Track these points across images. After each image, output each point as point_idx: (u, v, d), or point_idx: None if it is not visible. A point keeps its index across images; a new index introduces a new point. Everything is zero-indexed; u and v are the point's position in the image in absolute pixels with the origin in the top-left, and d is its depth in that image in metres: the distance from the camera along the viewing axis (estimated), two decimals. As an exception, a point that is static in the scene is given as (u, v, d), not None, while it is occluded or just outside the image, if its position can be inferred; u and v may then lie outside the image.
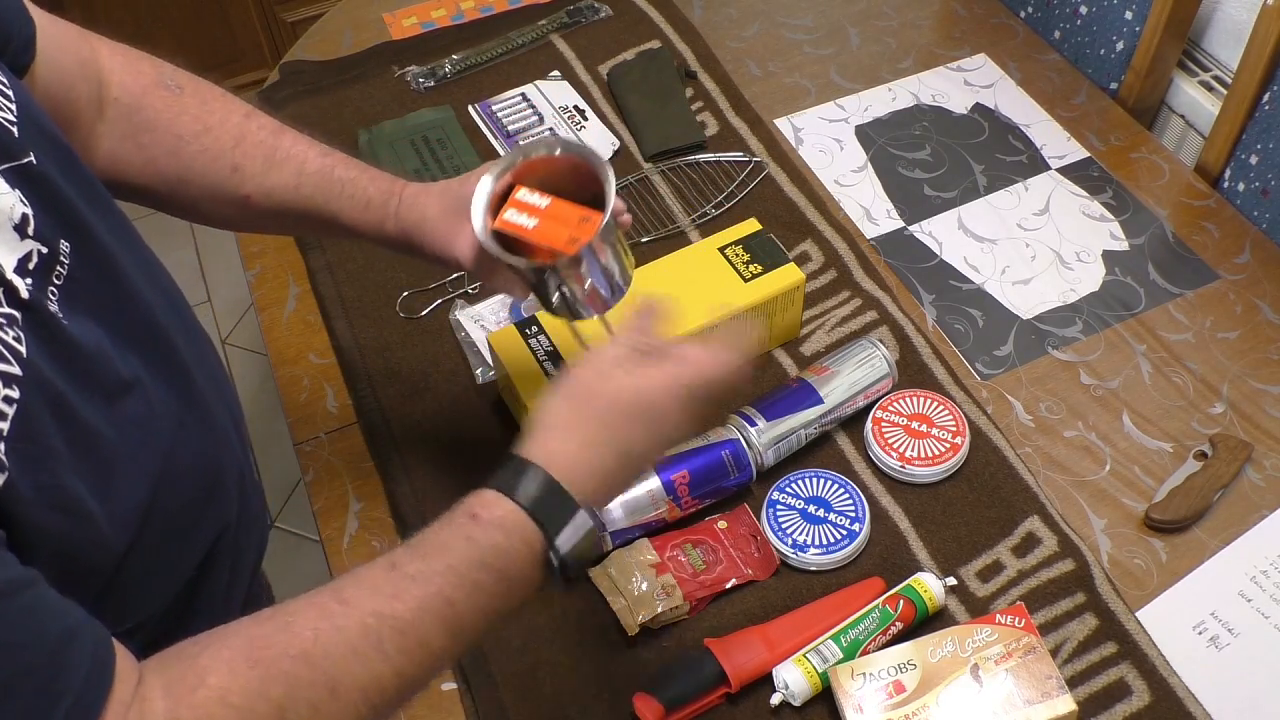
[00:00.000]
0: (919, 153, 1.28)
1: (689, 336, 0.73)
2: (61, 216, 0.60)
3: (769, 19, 1.45)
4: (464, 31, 1.42)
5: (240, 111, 0.80)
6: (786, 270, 1.01)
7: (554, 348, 0.95)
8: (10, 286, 0.55)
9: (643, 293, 0.72)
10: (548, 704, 0.84)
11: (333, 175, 0.81)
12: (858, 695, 0.80)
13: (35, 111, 0.62)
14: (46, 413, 0.54)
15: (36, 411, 0.53)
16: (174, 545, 0.68)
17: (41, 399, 0.54)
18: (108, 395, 0.60)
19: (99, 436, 0.58)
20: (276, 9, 2.35)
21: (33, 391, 0.53)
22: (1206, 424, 1.01)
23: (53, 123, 0.64)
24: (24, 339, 0.54)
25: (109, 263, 0.64)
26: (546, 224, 0.73)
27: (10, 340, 0.53)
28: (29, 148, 0.59)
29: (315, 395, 1.07)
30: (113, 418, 0.60)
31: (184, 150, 0.77)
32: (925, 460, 0.95)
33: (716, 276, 1.01)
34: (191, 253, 2.37)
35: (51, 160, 0.61)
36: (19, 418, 0.51)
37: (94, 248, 0.62)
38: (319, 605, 0.56)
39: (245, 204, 0.79)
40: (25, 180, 0.58)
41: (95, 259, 0.62)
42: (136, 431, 0.62)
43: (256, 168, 0.79)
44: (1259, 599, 0.90)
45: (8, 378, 0.52)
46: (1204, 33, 1.32)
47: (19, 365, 0.53)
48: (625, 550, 0.90)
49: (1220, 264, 1.15)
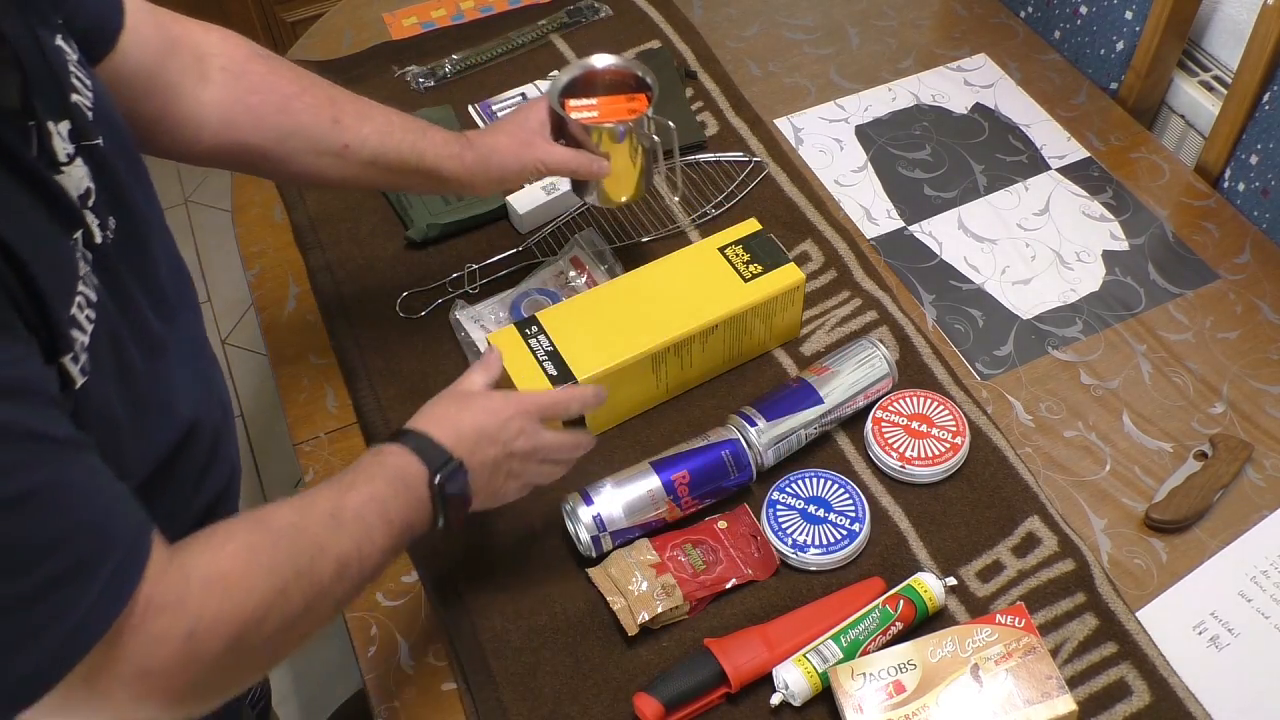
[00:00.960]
0: (919, 153, 1.28)
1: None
2: (114, 195, 0.67)
3: (769, 19, 1.45)
4: (464, 31, 1.42)
5: (324, 80, 0.93)
6: (786, 270, 1.01)
7: (554, 348, 0.95)
8: (89, 230, 0.63)
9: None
10: (548, 704, 0.84)
11: (416, 121, 0.95)
12: (858, 695, 0.80)
13: (106, 100, 0.70)
14: (107, 344, 0.63)
15: (103, 339, 0.62)
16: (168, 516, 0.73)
17: (106, 330, 0.63)
18: (148, 348, 0.69)
19: (139, 380, 0.67)
20: (276, 9, 2.35)
21: (102, 321, 0.62)
22: (1206, 424, 1.01)
23: (118, 112, 0.72)
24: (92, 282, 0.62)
25: (144, 244, 0.72)
26: (605, 110, 0.99)
27: (87, 272, 0.61)
28: (99, 131, 0.66)
29: (315, 395, 1.07)
30: (149, 369, 0.69)
31: (290, 106, 0.88)
32: (925, 460, 0.95)
33: (716, 277, 1.01)
34: (191, 253, 2.37)
35: (114, 144, 0.69)
36: (94, 337, 0.61)
37: (135, 227, 0.70)
38: (287, 504, 0.69)
39: (344, 152, 0.90)
40: (93, 160, 0.65)
41: (134, 237, 0.70)
42: (163, 390, 0.71)
43: (353, 120, 0.91)
44: (1259, 599, 0.90)
45: (89, 301, 0.60)
46: (1204, 33, 1.32)
47: (96, 294, 0.62)
48: (625, 550, 0.90)
49: (1220, 264, 1.15)
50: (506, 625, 0.88)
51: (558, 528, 0.93)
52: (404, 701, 0.86)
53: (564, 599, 0.90)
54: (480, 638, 0.88)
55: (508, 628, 0.88)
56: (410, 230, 1.16)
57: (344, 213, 1.21)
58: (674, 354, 0.97)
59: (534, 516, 0.95)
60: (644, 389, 0.99)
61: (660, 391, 1.01)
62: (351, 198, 1.22)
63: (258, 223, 1.23)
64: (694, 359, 1.00)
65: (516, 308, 1.08)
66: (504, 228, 1.19)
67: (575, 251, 1.12)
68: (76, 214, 0.62)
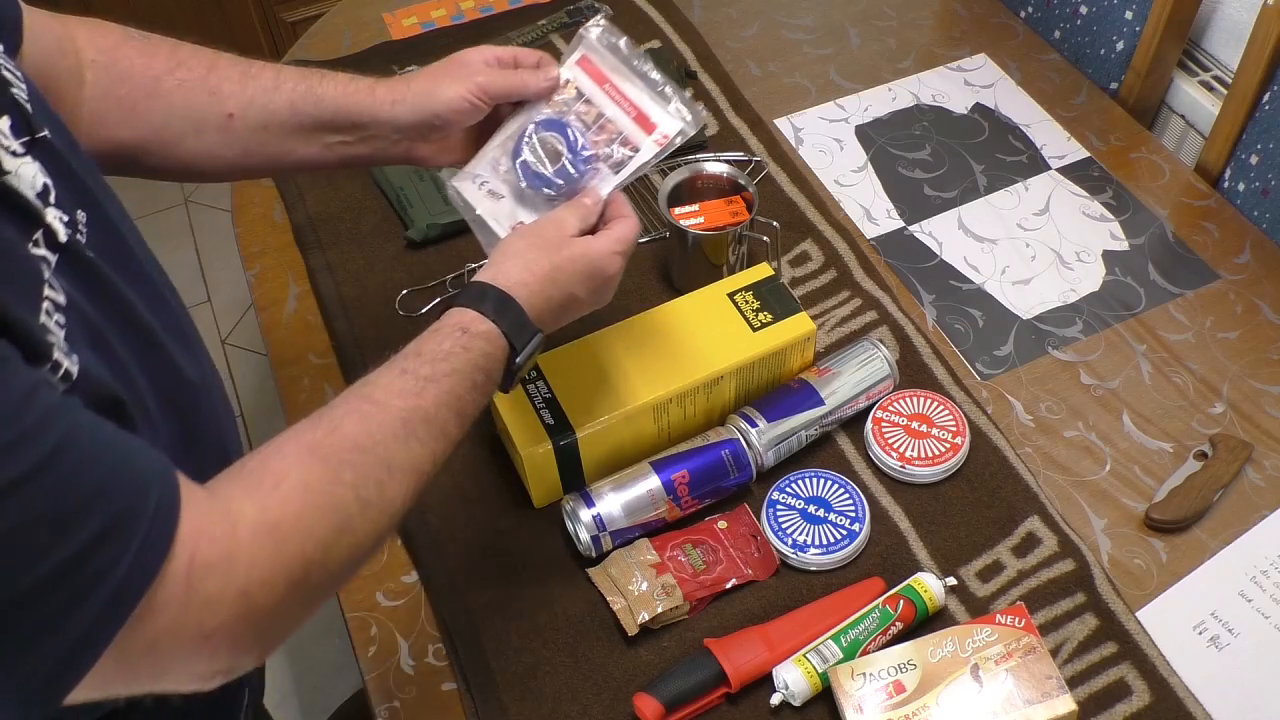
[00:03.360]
0: (919, 153, 1.28)
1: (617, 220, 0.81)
2: (75, 188, 0.62)
3: (769, 19, 1.45)
4: (464, 31, 1.42)
5: (208, 49, 0.82)
6: (797, 320, 0.97)
7: (552, 395, 0.92)
8: (50, 229, 0.57)
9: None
10: (548, 704, 0.84)
11: (314, 71, 0.83)
12: (858, 695, 0.80)
13: (38, 91, 0.64)
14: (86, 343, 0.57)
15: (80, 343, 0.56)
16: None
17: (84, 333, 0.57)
18: (142, 341, 0.64)
19: (133, 372, 0.62)
20: (276, 9, 2.35)
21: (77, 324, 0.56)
22: (1206, 424, 1.01)
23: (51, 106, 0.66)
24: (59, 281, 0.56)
25: (119, 235, 0.67)
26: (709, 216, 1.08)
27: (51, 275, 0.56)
28: (43, 123, 0.61)
29: (315, 395, 1.07)
30: (147, 362, 0.64)
31: (161, 88, 0.78)
32: (925, 460, 0.95)
33: (725, 324, 0.97)
34: (191, 253, 2.37)
35: (60, 136, 0.63)
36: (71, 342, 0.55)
37: (105, 220, 0.65)
38: (355, 409, 0.65)
39: (229, 125, 0.80)
40: (43, 153, 0.60)
41: (108, 229, 0.65)
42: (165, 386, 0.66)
43: (234, 85, 0.80)
44: (1259, 599, 0.90)
45: (56, 305, 0.55)
46: (1204, 33, 1.32)
47: (65, 296, 0.56)
48: (625, 550, 0.90)
49: (1220, 264, 1.15)
50: (506, 625, 0.88)
51: (558, 528, 0.93)
52: (404, 701, 0.86)
53: (564, 599, 0.90)
54: (480, 638, 0.88)
55: (508, 628, 0.88)
56: (410, 230, 1.16)
57: (344, 212, 1.21)
58: (676, 404, 0.94)
59: (534, 516, 0.95)
60: (645, 436, 0.95)
61: (662, 440, 0.97)
62: (351, 198, 1.22)
63: (258, 223, 1.23)
64: (698, 408, 0.96)
65: (519, 153, 0.83)
66: (504, 228, 1.19)
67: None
68: (34, 213, 0.57)
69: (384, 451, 0.63)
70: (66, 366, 0.53)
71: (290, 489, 0.58)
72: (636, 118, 0.83)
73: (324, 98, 0.81)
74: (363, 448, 0.62)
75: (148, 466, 0.53)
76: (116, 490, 0.51)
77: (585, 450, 0.92)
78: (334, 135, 0.83)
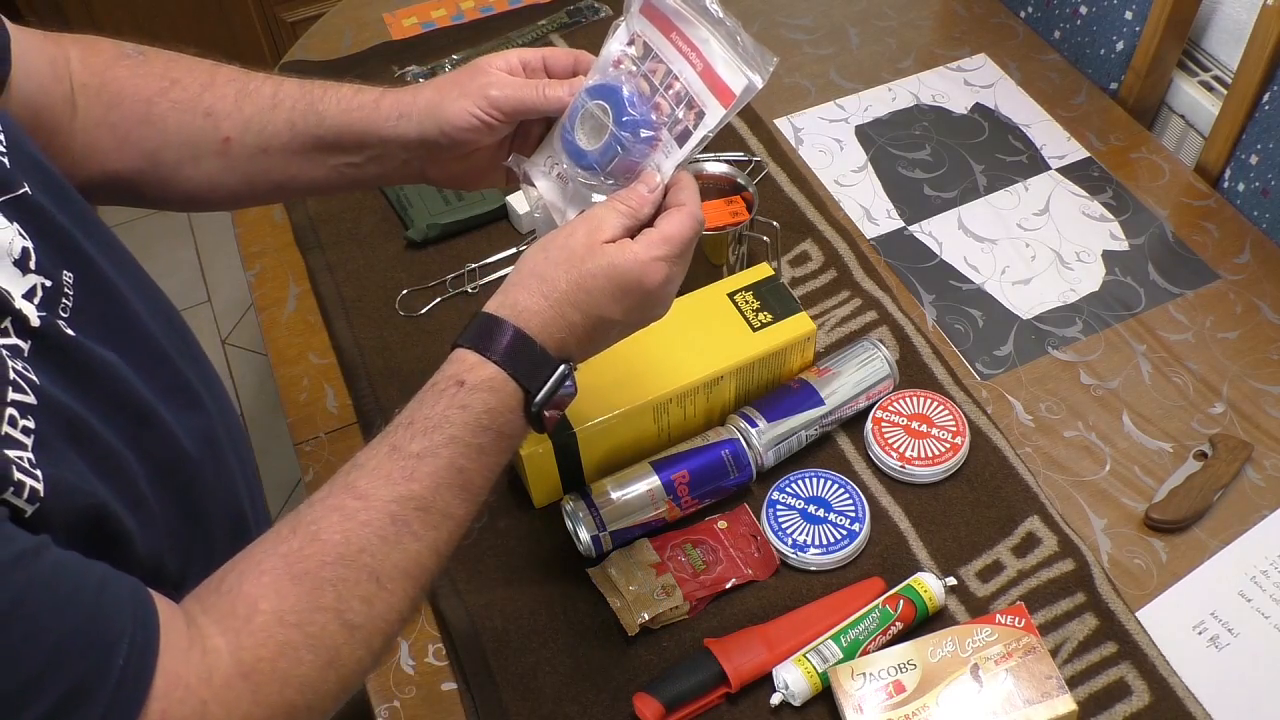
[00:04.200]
0: (919, 153, 1.28)
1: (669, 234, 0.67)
2: (61, 247, 0.58)
3: (769, 19, 1.45)
4: (464, 31, 1.42)
5: (207, 63, 0.75)
6: (797, 320, 0.97)
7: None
8: (19, 315, 0.53)
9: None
10: (548, 704, 0.84)
11: (317, 84, 0.75)
12: (858, 695, 0.80)
13: (23, 139, 0.60)
14: (64, 438, 0.52)
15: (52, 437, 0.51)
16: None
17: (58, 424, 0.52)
18: (133, 418, 0.59)
19: (122, 458, 0.57)
20: (276, 9, 2.35)
21: (49, 419, 0.52)
22: (1206, 424, 1.01)
23: (39, 150, 0.62)
24: (32, 369, 0.52)
25: (112, 291, 0.62)
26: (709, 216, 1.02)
27: (20, 369, 0.51)
28: (22, 179, 0.57)
29: (315, 395, 1.07)
30: (139, 442, 0.59)
31: (153, 112, 0.72)
32: (925, 460, 0.95)
33: (725, 324, 0.97)
34: (191, 253, 2.37)
35: (43, 190, 0.59)
36: (37, 446, 0.50)
37: (96, 276, 0.61)
38: (337, 507, 0.56)
39: (226, 149, 0.73)
40: (22, 212, 0.56)
41: (99, 287, 0.61)
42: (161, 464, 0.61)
43: (229, 105, 0.73)
44: (1259, 599, 0.90)
45: (23, 407, 0.50)
46: (1204, 33, 1.32)
47: (34, 394, 0.51)
48: (625, 550, 0.90)
49: (1220, 264, 1.15)
50: (506, 625, 0.88)
51: (558, 528, 0.93)
52: (404, 701, 0.86)
53: (564, 599, 0.90)
54: (480, 638, 0.88)
55: (508, 628, 0.88)
56: (410, 230, 1.16)
57: (344, 213, 1.21)
58: (676, 404, 0.94)
59: (534, 516, 0.95)
60: (644, 435, 0.95)
61: (662, 440, 0.97)
62: (351, 197, 1.22)
63: (258, 223, 1.23)
64: (698, 408, 0.96)
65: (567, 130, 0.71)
66: (504, 228, 1.19)
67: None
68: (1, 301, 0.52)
69: (370, 560, 0.55)
70: (31, 486, 0.48)
71: (264, 623, 0.52)
72: (703, 72, 0.68)
73: (325, 115, 0.73)
74: (345, 559, 0.54)
75: (117, 614, 0.48)
76: (76, 656, 0.46)
77: (585, 450, 0.92)
78: (339, 156, 0.75)
